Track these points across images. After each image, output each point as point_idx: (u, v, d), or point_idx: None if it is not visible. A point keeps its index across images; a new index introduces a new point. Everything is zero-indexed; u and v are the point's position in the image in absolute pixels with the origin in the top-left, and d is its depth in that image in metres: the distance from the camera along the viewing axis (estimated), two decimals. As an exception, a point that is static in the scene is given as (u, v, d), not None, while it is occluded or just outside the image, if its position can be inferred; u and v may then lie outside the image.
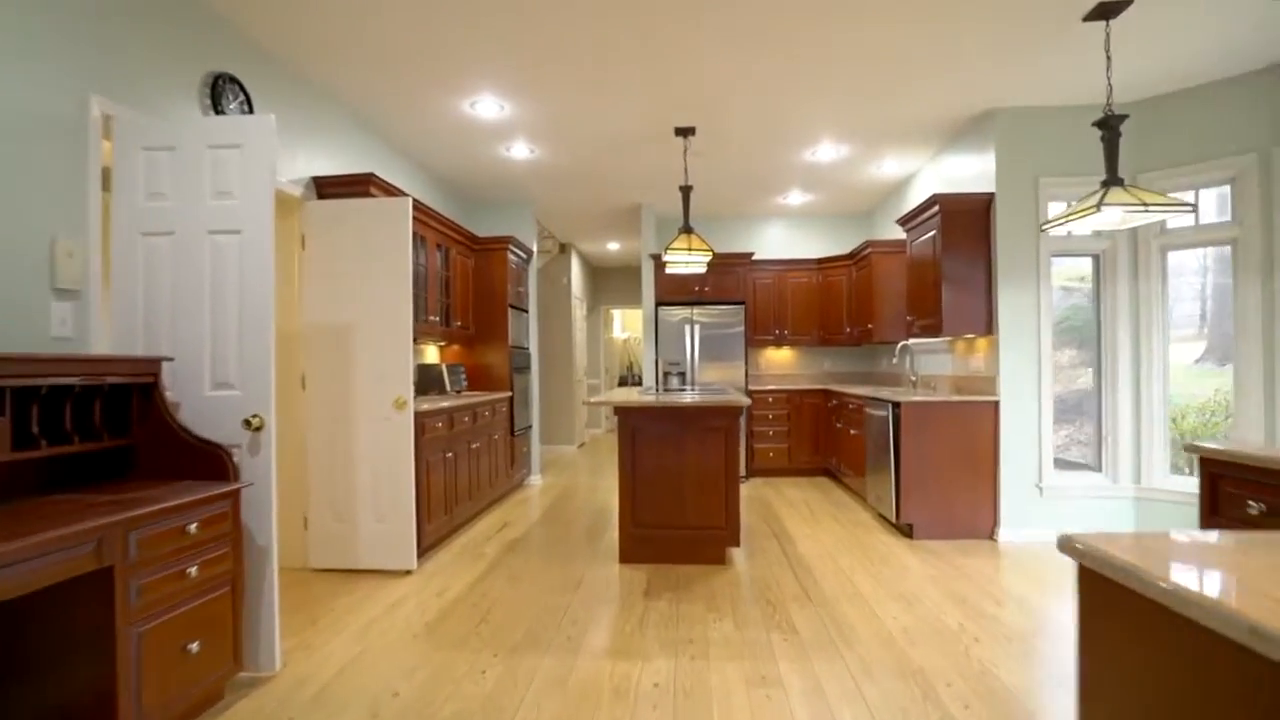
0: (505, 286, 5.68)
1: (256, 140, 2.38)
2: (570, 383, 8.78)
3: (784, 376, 7.20)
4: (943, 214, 4.29)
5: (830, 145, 4.91)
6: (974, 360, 4.50)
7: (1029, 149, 4.17)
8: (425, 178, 5.37)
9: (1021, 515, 4.17)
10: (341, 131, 4.09)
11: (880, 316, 5.92)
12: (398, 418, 3.60)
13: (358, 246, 3.63)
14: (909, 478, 4.23)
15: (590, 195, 6.30)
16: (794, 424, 6.52)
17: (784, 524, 4.71)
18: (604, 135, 4.67)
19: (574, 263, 8.97)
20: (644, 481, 3.77)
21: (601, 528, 4.66)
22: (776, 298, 6.85)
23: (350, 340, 3.63)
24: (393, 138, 4.66)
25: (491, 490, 5.13)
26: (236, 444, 2.36)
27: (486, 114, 4.24)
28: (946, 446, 4.23)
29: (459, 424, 4.39)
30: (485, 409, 4.95)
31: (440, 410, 4.07)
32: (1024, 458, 4.17)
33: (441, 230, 4.94)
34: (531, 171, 5.48)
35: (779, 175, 5.70)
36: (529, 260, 6.40)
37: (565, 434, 8.80)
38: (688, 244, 4.12)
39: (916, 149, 5.02)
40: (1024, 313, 4.17)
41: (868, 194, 6.35)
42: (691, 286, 6.57)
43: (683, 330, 6.48)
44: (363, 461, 3.63)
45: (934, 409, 4.23)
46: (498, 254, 5.69)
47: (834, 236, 7.23)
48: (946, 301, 4.29)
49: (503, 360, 5.70)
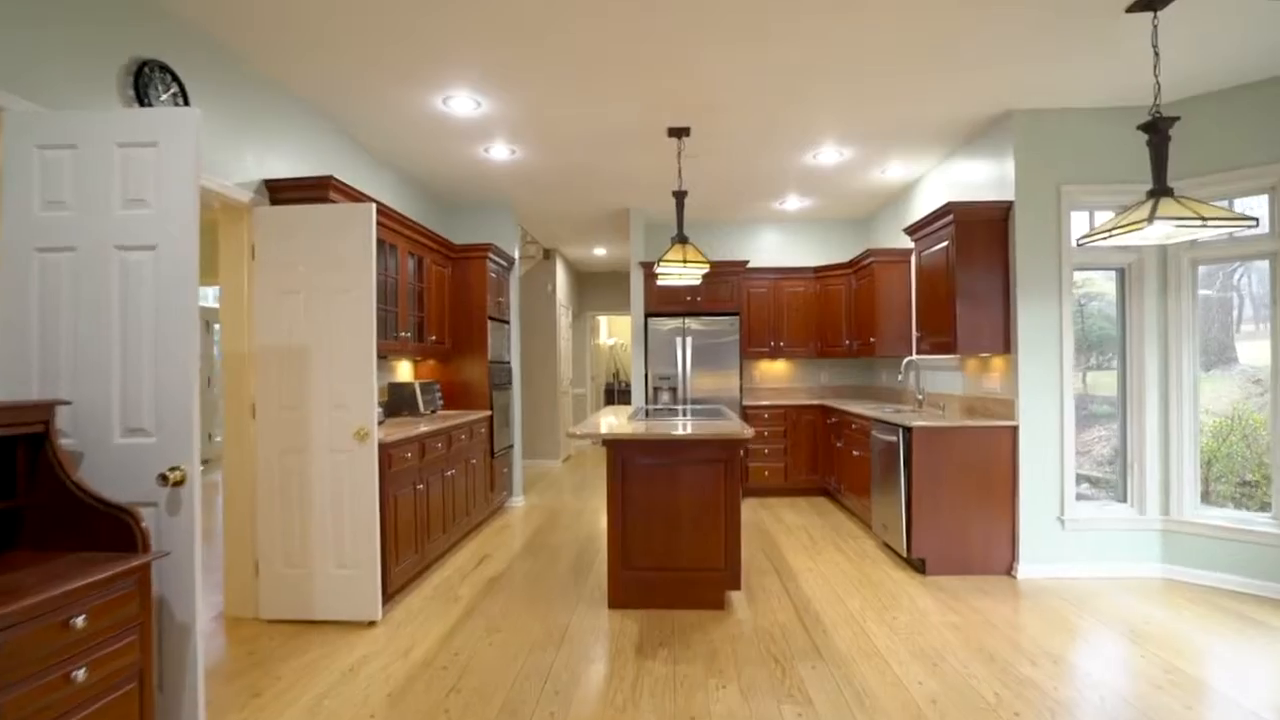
0: (484, 297, 5.30)
1: (176, 137, 1.99)
2: (555, 394, 8.40)
3: (779, 390, 6.87)
4: (957, 224, 3.98)
5: (833, 148, 4.59)
6: (988, 380, 4.20)
7: (1050, 154, 3.86)
8: (397, 180, 4.98)
9: (1042, 550, 3.86)
10: (299, 129, 3.69)
11: (883, 329, 5.61)
12: (359, 451, 3.21)
13: (315, 258, 3.24)
14: (922, 509, 3.91)
15: (576, 199, 5.93)
16: (791, 441, 6.19)
17: (784, 555, 4.37)
18: (591, 136, 4.31)
19: (559, 269, 8.59)
20: (635, 519, 3.41)
21: (588, 560, 4.29)
22: (772, 307, 6.52)
23: (306, 364, 3.23)
24: (359, 136, 4.26)
25: (469, 519, 4.75)
26: (151, 502, 1.96)
27: (461, 111, 3.85)
28: (961, 475, 3.92)
29: (431, 452, 4.00)
30: (462, 432, 4.56)
31: (409, 439, 3.68)
32: (1044, 488, 3.87)
33: (414, 237, 4.54)
34: (513, 174, 5.11)
35: (777, 179, 5.37)
36: (510, 268, 6.02)
37: (549, 448, 8.42)
38: (682, 255, 3.77)
39: (925, 152, 4.70)
40: (1045, 331, 3.86)
41: (868, 199, 6.04)
42: (683, 296, 6.22)
43: (674, 342, 6.13)
44: (320, 500, 3.23)
45: (948, 435, 3.91)
46: (476, 262, 5.31)
47: (831, 243, 6.92)
48: (961, 318, 3.97)
49: (482, 376, 5.32)
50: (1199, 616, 3.28)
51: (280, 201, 3.39)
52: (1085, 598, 3.54)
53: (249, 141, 3.29)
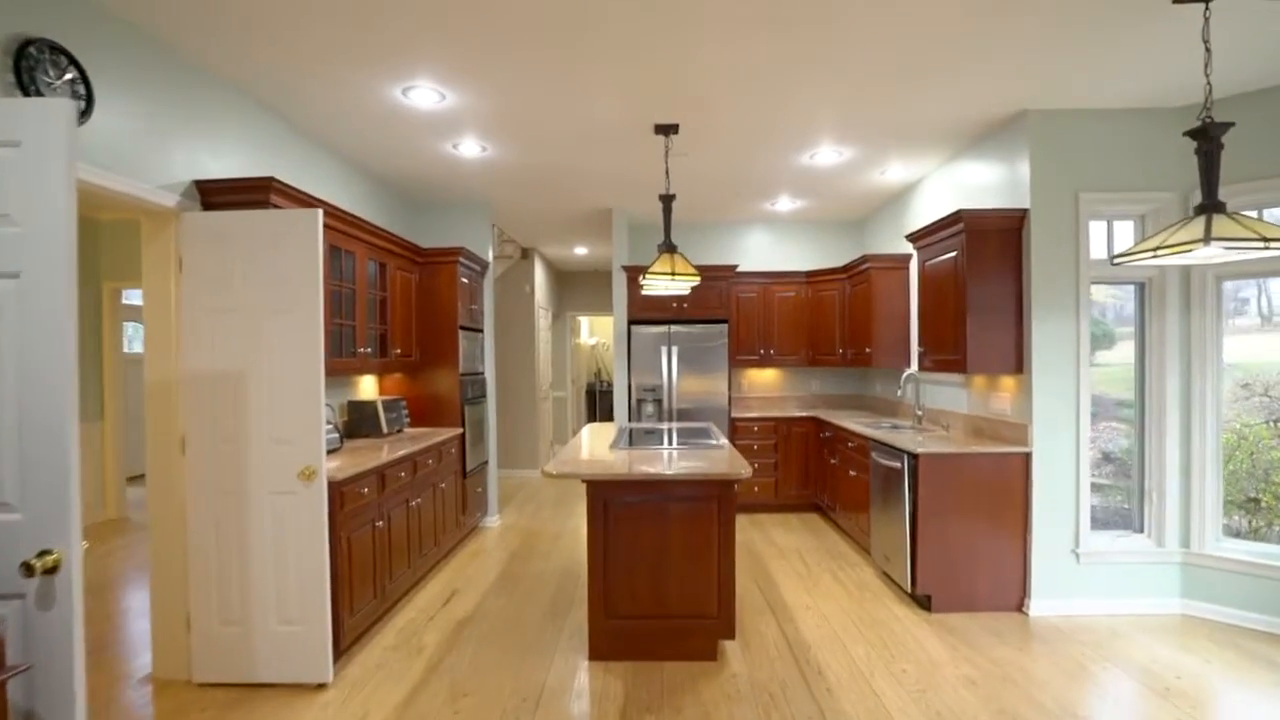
0: (455, 305, 4.90)
1: (45, 135, 1.59)
2: (534, 400, 8.02)
3: (768, 400, 6.56)
4: (968, 234, 3.68)
5: (831, 148, 4.26)
6: (997, 400, 3.91)
7: (1069, 159, 3.57)
8: (356, 178, 4.55)
9: (1055, 585, 3.59)
10: (241, 124, 3.27)
11: (880, 340, 5.31)
12: (306, 492, 2.82)
13: (253, 271, 2.83)
14: (927, 543, 3.62)
15: (555, 199, 5.54)
16: (782, 454, 5.89)
17: (779, 587, 4.06)
18: (570, 134, 3.93)
19: (537, 269, 8.19)
20: (618, 562, 3.07)
21: (567, 595, 3.94)
22: (761, 313, 6.20)
23: (242, 393, 2.83)
24: (311, 131, 3.84)
25: (438, 548, 4.37)
26: (17, 594, 1.57)
27: (423, 104, 3.45)
28: (970, 505, 3.63)
29: (393, 482, 3.62)
30: (429, 455, 4.18)
31: (366, 473, 3.29)
32: (1059, 519, 3.60)
33: (374, 242, 4.13)
34: (486, 173, 4.71)
35: (770, 180, 5.03)
36: (484, 273, 5.62)
37: (528, 457, 8.05)
38: (670, 266, 3.42)
39: (928, 154, 4.39)
40: (1061, 349, 3.58)
41: (864, 201, 5.73)
42: (669, 303, 5.87)
43: (658, 350, 5.79)
44: (260, 548, 2.84)
45: (956, 462, 3.62)
46: (446, 268, 4.90)
47: (823, 246, 6.61)
48: (972, 336, 3.67)
49: (453, 390, 4.93)
50: (1228, 665, 3.03)
51: (214, 206, 2.97)
52: (1105, 641, 3.28)
53: (179, 138, 2.87)
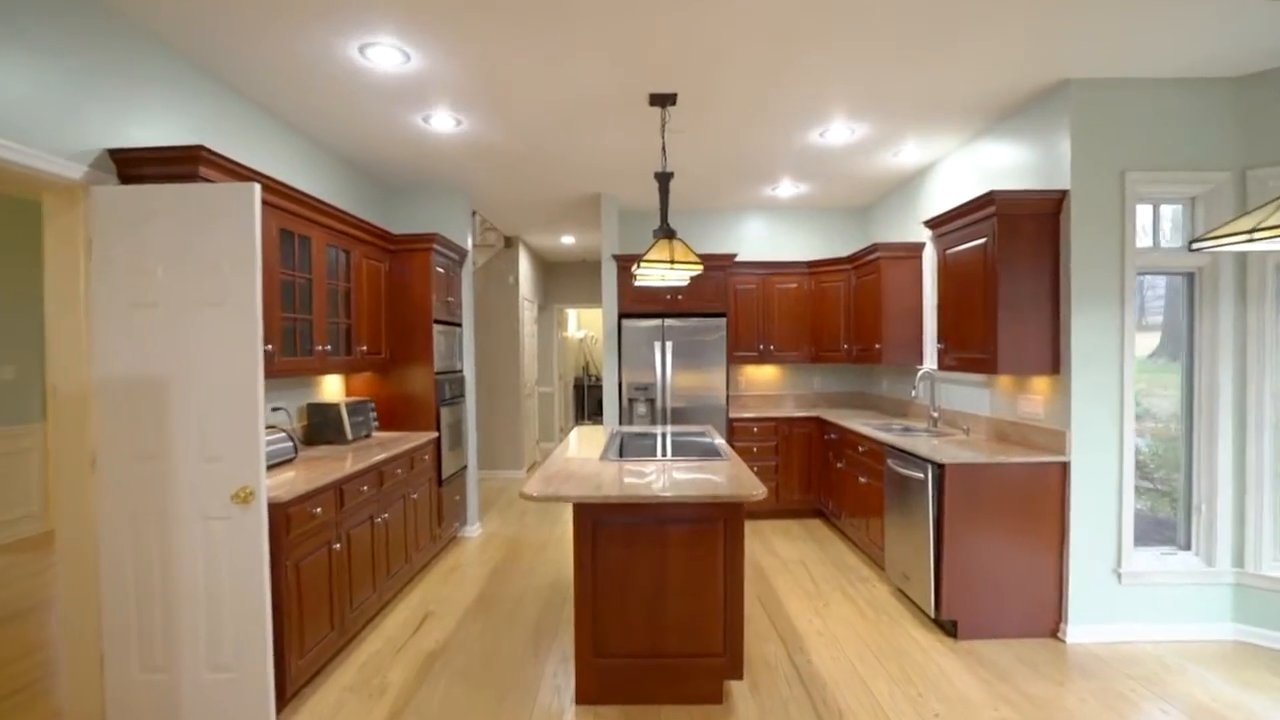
0: (429, 297, 4.46)
1: None
2: (518, 396, 7.59)
3: (767, 398, 6.18)
4: (1000, 218, 3.29)
5: (844, 123, 3.85)
6: (1027, 402, 3.55)
7: (1114, 134, 3.19)
8: (324, 159, 4.10)
9: (1094, 608, 3.24)
10: (175, 87, 2.81)
11: (890, 335, 4.93)
12: (242, 517, 2.40)
13: (178, 257, 2.39)
14: (954, 563, 3.25)
15: (539, 183, 5.10)
16: (783, 457, 5.52)
17: (786, 609, 3.68)
18: (555, 104, 3.50)
19: (522, 258, 7.75)
20: (610, 593, 2.67)
21: (552, 619, 3.54)
22: (761, 306, 5.80)
23: (166, 401, 2.40)
24: (262, 100, 3.38)
25: (409, 566, 3.95)
26: None
27: (386, 65, 3.01)
28: (1001, 519, 3.27)
29: (354, 497, 3.20)
30: (398, 464, 3.76)
31: (319, 490, 2.87)
32: (1099, 535, 3.24)
33: (336, 226, 3.69)
34: (463, 151, 4.26)
35: (774, 160, 4.62)
36: (462, 262, 5.18)
37: (512, 457, 7.63)
38: (668, 253, 3.01)
39: (949, 130, 4.00)
40: (1103, 348, 3.21)
41: (872, 186, 5.33)
42: (663, 295, 5.46)
43: (651, 345, 5.38)
44: (188, 583, 2.41)
45: (987, 473, 3.25)
46: (418, 256, 4.46)
47: (823, 234, 6.22)
48: (1004, 332, 3.30)
49: (427, 390, 4.50)
50: (1299, 703, 2.69)
51: (132, 179, 2.52)
52: (1154, 674, 2.93)
53: (95, 100, 2.42)
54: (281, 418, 3.66)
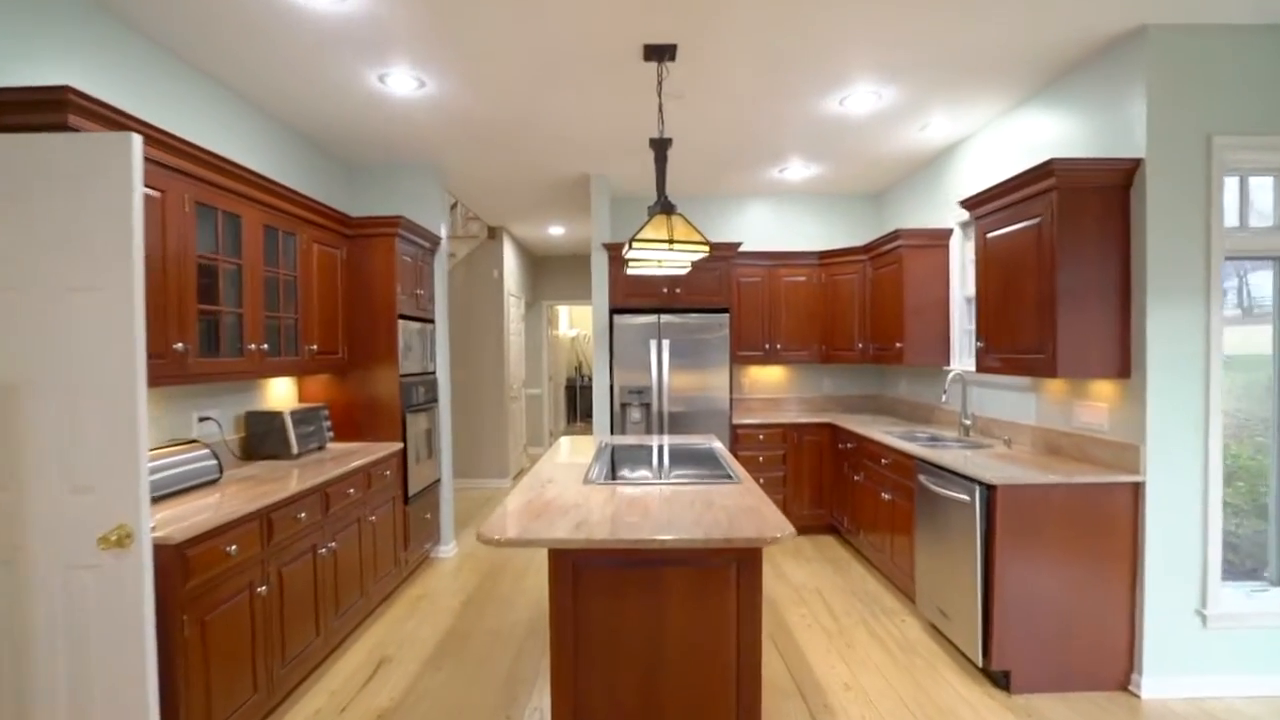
0: (392, 289, 3.91)
1: None
2: (502, 400, 7.05)
3: (773, 402, 5.66)
4: (1060, 192, 2.77)
5: (869, 87, 3.33)
6: (1086, 410, 3.03)
7: (1200, 92, 2.67)
8: (274, 131, 3.54)
9: (1174, 656, 2.73)
10: (73, 24, 2.26)
11: (914, 332, 4.41)
12: (119, 564, 1.86)
13: (34, 229, 1.85)
14: (1008, 603, 2.73)
15: (520, 161, 4.56)
16: (791, 468, 5.00)
17: (804, 652, 3.16)
18: (533, 59, 2.96)
19: (507, 250, 7.20)
20: (595, 655, 2.13)
21: (532, 664, 3.00)
22: (767, 301, 5.28)
23: (15, 414, 1.85)
24: (168, 41, 2.82)
25: (366, 600, 3.41)
26: None
27: (319, 2, 2.47)
28: (1063, 550, 2.75)
29: (288, 528, 2.65)
30: (350, 483, 3.21)
31: (238, 521, 2.32)
32: (1179, 570, 2.73)
33: (276, 204, 3.14)
34: (430, 120, 3.72)
35: (785, 136, 4.09)
36: (434, 250, 4.63)
37: (496, 465, 7.08)
38: (666, 231, 2.47)
39: (989, 96, 3.48)
40: (1183, 346, 2.70)
41: (890, 167, 4.81)
42: (659, 288, 4.93)
43: (646, 344, 4.85)
44: (44, 652, 1.87)
45: (1048, 495, 2.73)
46: (380, 242, 3.91)
47: (833, 223, 5.70)
48: (1065, 328, 2.78)
49: (391, 394, 3.95)
50: None
51: (-18, 131, 1.97)
52: (1257, 742, 2.42)
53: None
54: (211, 429, 3.11)
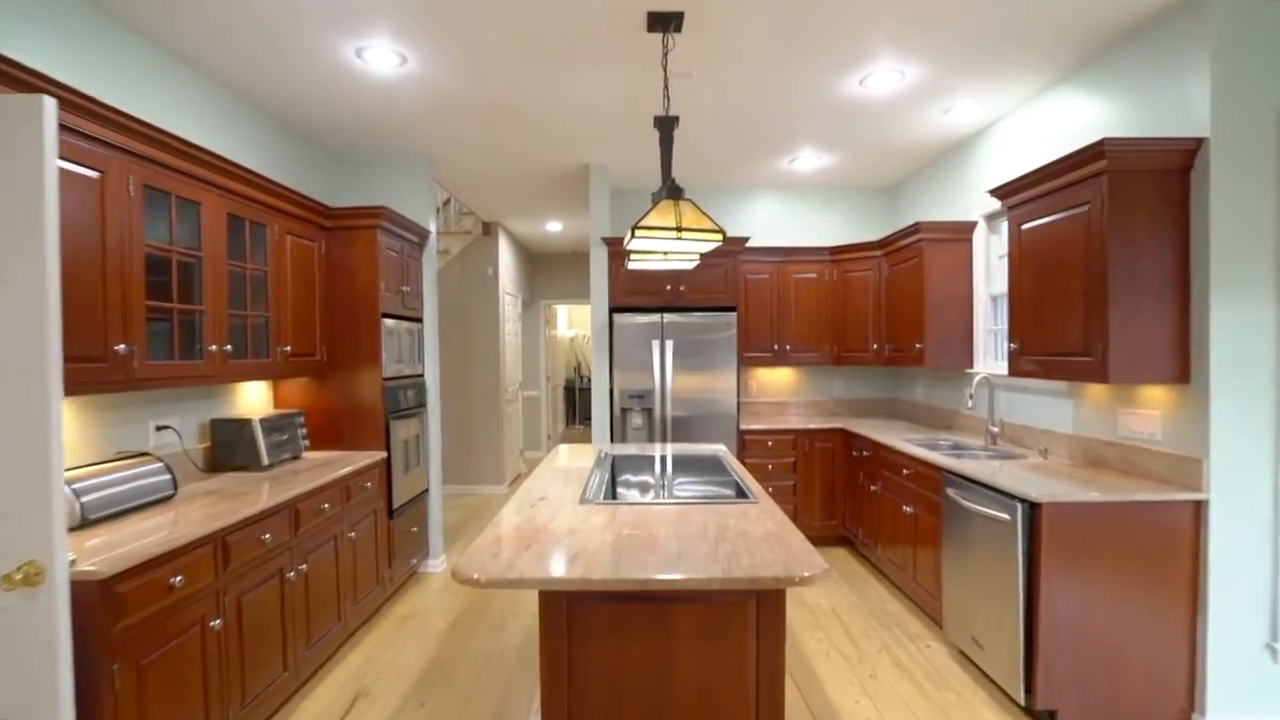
0: (376, 285, 3.63)
1: None
2: (498, 403, 6.76)
3: (781, 406, 5.38)
4: (1112, 176, 2.49)
5: (893, 64, 3.05)
6: (1135, 419, 2.75)
7: (1269, 63, 2.39)
8: (241, 109, 3.26)
9: (1240, 694, 2.45)
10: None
11: (935, 333, 4.13)
12: (24, 606, 1.57)
13: (-69, 211, 1.56)
14: (1056, 634, 2.45)
15: (514, 148, 4.28)
16: (802, 477, 4.72)
17: (822, 683, 2.87)
18: (524, 28, 2.67)
19: (503, 247, 6.92)
20: (591, 708, 1.85)
21: (524, 698, 2.72)
22: (775, 299, 5.00)
23: (-95, 430, 1.57)
24: (142, 24, 2.54)
25: (343, 624, 3.13)
26: None
27: (282, -44, 2.19)
28: (1115, 575, 2.47)
29: (249, 551, 2.37)
30: (325, 497, 2.93)
31: (183, 549, 2.03)
32: (1246, 597, 2.45)
33: (241, 191, 2.85)
34: (415, 102, 3.43)
35: (797, 122, 3.81)
36: (423, 244, 4.34)
37: (491, 471, 6.79)
38: (674, 217, 2.18)
39: (1023, 74, 3.20)
40: (1253, 348, 2.41)
41: (907, 157, 4.53)
42: (661, 285, 4.65)
43: (649, 345, 4.57)
44: (-58, 709, 1.59)
45: (1097, 514, 2.45)
46: (362, 235, 3.63)
47: (845, 217, 5.42)
48: (1117, 328, 2.49)
49: (374, 399, 3.66)
50: None
51: (-125, 97, 1.68)
52: (1343, 797, 2.14)
53: None
54: (170, 440, 2.82)
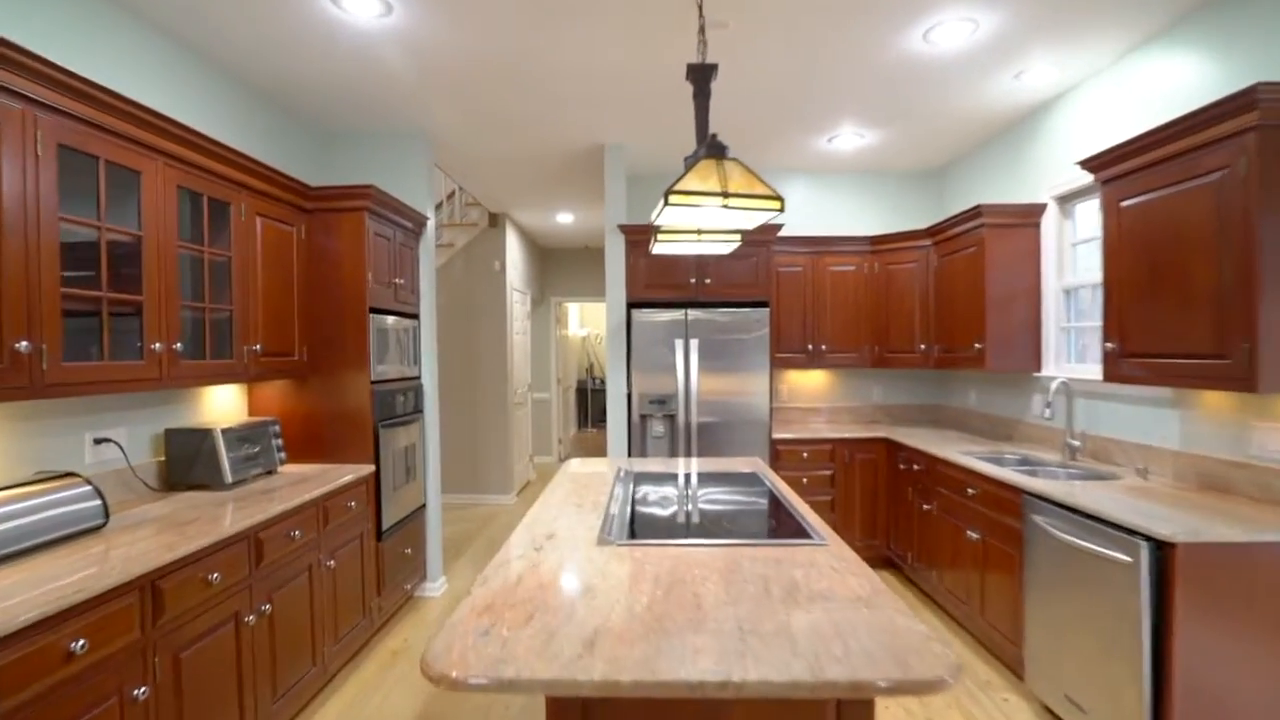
0: (363, 275, 3.19)
1: None
2: (505, 406, 6.32)
3: (814, 412, 4.89)
4: (1263, 133, 1.99)
5: (965, 13, 2.57)
6: (1271, 434, 2.24)
7: None
8: (223, 87, 2.83)
9: None
10: None
11: (998, 331, 3.63)
12: None
13: None
14: (1195, 704, 1.96)
15: (519, 123, 3.82)
16: (842, 492, 4.23)
17: (886, 749, 2.39)
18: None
19: (510, 240, 6.47)
20: (616, 827, 1.39)
21: (525, 773, 2.27)
22: (810, 294, 4.52)
23: None
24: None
25: (321, 668, 2.68)
26: None
27: None
28: (1263, 634, 1.97)
29: (191, 595, 1.92)
30: (295, 522, 2.48)
31: (85, 603, 1.58)
32: None
33: (196, 162, 2.41)
34: (402, 62, 2.99)
35: (844, 87, 3.33)
36: (419, 232, 3.90)
37: (499, 479, 6.35)
38: (717, 179, 1.70)
39: (1109, 29, 2.70)
40: None
41: (959, 134, 4.03)
42: (685, 277, 4.18)
43: (671, 344, 4.10)
44: None
45: (1248, 556, 1.95)
46: (347, 218, 3.18)
47: (884, 205, 4.92)
48: (1268, 323, 2.00)
49: (361, 404, 3.22)
50: None
51: None
52: None
53: None
54: (111, 455, 2.39)
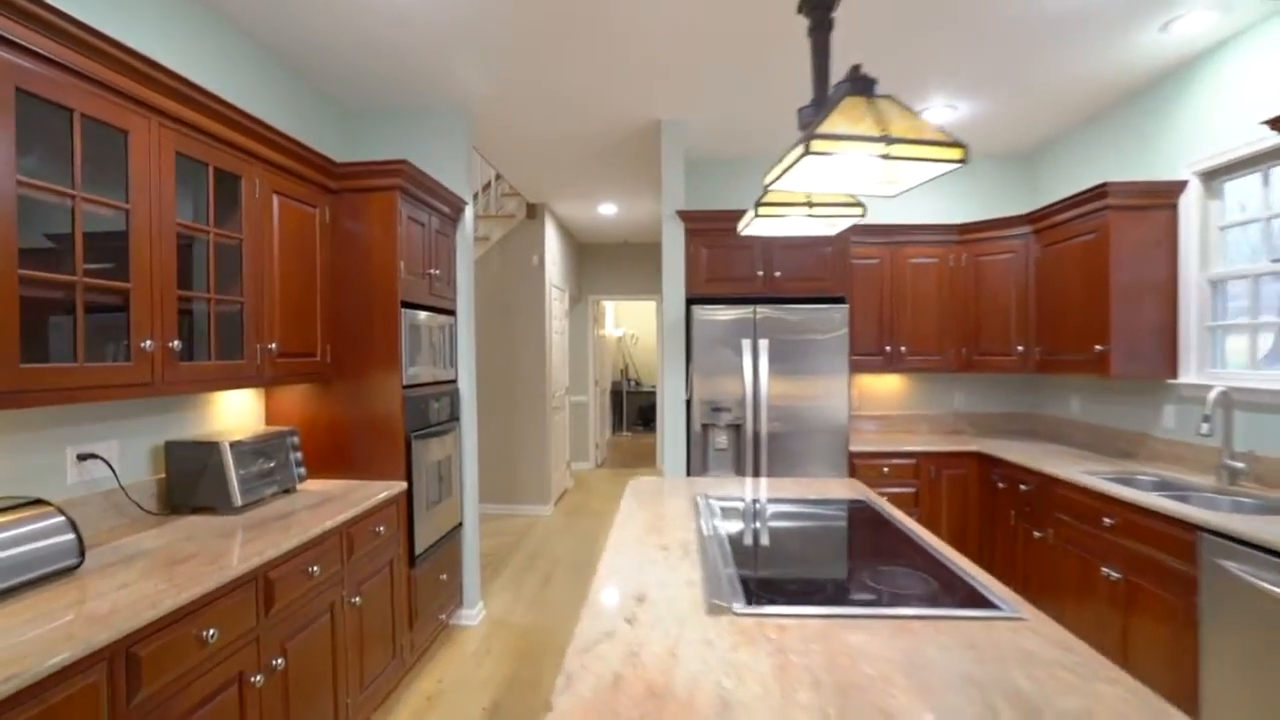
0: (393, 264, 2.79)
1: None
2: (544, 410, 5.92)
3: (890, 421, 4.39)
4: None
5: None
6: None
7: None
8: (249, 55, 2.46)
9: None
10: None
11: (1126, 330, 3.10)
12: None
13: None
14: None
15: (565, 92, 3.40)
16: (926, 508, 3.73)
17: None
18: None
19: (549, 233, 6.08)
20: None
21: None
22: (889, 290, 4.02)
23: None
24: None
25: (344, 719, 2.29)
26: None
27: None
28: None
29: (176, 662, 1.53)
30: (314, 556, 2.09)
31: (47, 680, 1.19)
32: None
33: (199, 125, 2.03)
34: (430, 16, 2.59)
35: (943, 47, 2.83)
36: (456, 219, 3.51)
37: (537, 488, 5.94)
38: (873, 121, 1.23)
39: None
40: None
41: (1067, 105, 3.50)
42: (752, 270, 3.72)
43: (738, 345, 3.63)
44: None
45: None
46: (377, 199, 2.79)
47: (968, 192, 4.41)
48: None
49: (391, 411, 2.83)
50: None
51: None
52: None
53: None
54: (98, 473, 2.02)
